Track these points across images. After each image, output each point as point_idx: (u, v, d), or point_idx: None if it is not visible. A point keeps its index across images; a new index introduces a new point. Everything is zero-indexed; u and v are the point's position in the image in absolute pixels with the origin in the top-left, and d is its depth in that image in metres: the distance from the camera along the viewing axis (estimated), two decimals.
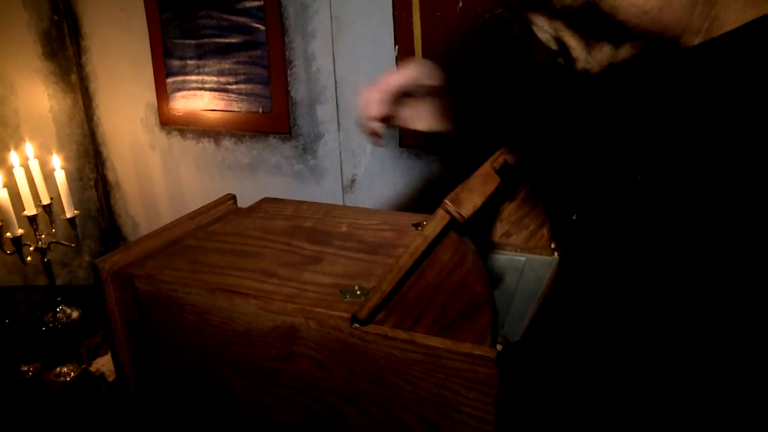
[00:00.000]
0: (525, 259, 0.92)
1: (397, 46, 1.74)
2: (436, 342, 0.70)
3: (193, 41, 2.05)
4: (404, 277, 0.70)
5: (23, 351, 1.82)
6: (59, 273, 2.26)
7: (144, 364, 0.95)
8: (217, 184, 2.16)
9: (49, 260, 1.95)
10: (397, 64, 1.75)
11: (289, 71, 1.92)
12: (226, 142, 2.10)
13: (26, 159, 1.94)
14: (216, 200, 1.17)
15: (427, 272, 0.71)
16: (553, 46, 0.70)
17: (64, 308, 1.97)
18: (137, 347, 0.95)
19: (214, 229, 1.07)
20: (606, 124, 0.75)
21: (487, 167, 0.76)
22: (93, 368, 1.73)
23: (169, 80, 2.13)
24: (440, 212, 0.67)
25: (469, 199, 0.68)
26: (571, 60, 0.71)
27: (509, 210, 0.93)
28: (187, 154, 2.19)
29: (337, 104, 1.88)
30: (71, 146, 2.27)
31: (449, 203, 0.66)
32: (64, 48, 2.22)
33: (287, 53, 1.90)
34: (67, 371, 1.72)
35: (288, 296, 0.81)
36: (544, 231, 0.91)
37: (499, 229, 0.94)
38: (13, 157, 1.89)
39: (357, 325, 0.75)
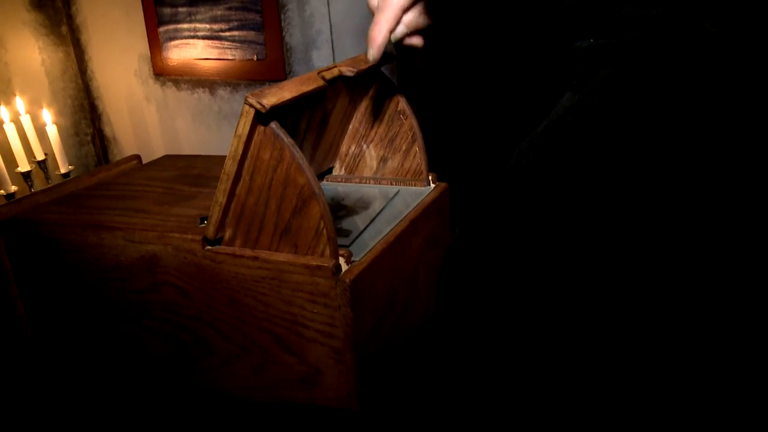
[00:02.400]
0: (398, 190, 0.95)
1: None
2: (277, 257, 0.75)
3: None
4: (234, 183, 0.74)
5: None
6: None
7: (36, 313, 1.01)
8: (214, 135, 2.13)
9: None
10: None
11: (282, 16, 1.87)
12: (222, 92, 2.06)
13: (17, 114, 1.91)
14: (120, 160, 1.25)
15: (256, 176, 0.74)
16: None
17: None
18: (29, 297, 1.00)
19: (106, 180, 1.14)
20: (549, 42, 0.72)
21: (312, 73, 0.79)
22: None
23: (161, 29, 2.09)
24: (244, 108, 0.70)
25: (274, 93, 0.71)
26: None
27: (380, 132, 0.95)
28: (183, 105, 2.16)
29: (333, 48, 1.83)
30: (65, 101, 2.25)
31: (250, 96, 0.69)
32: None
33: None
34: None
35: (150, 226, 0.86)
36: (416, 148, 0.93)
37: (374, 154, 0.97)
38: (3, 113, 1.86)
39: (208, 247, 0.80)
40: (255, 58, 1.99)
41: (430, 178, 0.96)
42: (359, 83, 0.92)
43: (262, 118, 0.70)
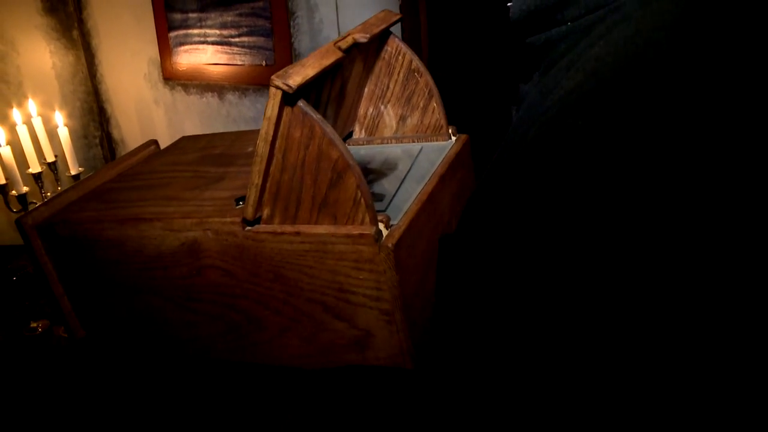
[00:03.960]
0: (421, 147, 0.97)
1: None
2: (318, 229, 0.77)
3: None
4: (268, 163, 0.77)
5: (32, 308, 1.86)
6: None
7: (83, 308, 1.03)
8: None
9: None
10: (401, 11, 1.73)
11: (291, 22, 1.92)
12: (230, 96, 2.11)
13: (29, 116, 1.96)
14: (137, 147, 1.25)
15: (288, 154, 0.76)
16: None
17: None
18: (74, 293, 1.03)
19: (130, 171, 1.15)
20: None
21: (329, 45, 0.81)
22: None
23: (172, 34, 2.14)
24: (271, 90, 0.72)
25: (298, 71, 0.73)
26: None
27: (396, 91, 0.98)
28: (191, 109, 2.20)
29: None
30: (75, 104, 2.30)
31: (275, 78, 0.71)
32: (65, 3, 2.25)
33: (290, 4, 1.90)
34: None
35: (187, 213, 0.88)
36: (434, 104, 0.96)
37: (393, 114, 1.00)
38: (16, 115, 1.91)
39: (249, 228, 0.82)
40: (264, 63, 2.03)
41: (450, 131, 0.97)
42: (371, 46, 0.95)
43: (289, 98, 0.73)
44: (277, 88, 0.71)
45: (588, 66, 0.62)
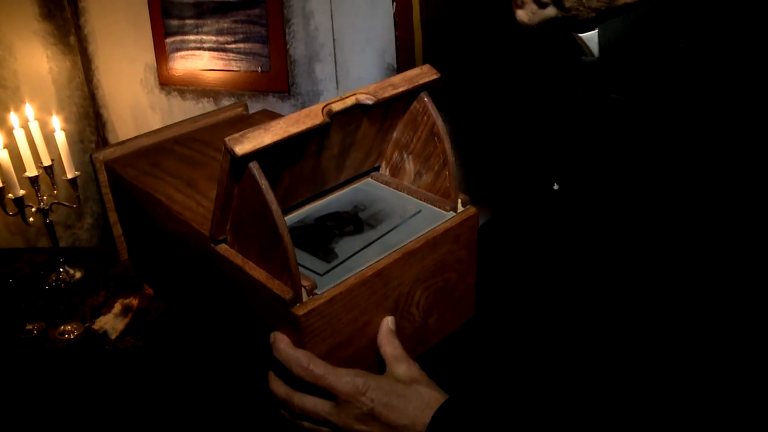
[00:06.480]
0: (420, 210, 0.96)
1: (395, 3, 1.76)
2: (256, 273, 0.83)
3: (191, 0, 2.06)
4: (227, 201, 0.81)
5: (28, 310, 1.89)
6: (62, 235, 2.33)
7: (128, 237, 1.17)
8: None
9: (51, 221, 2.01)
10: (395, 21, 1.77)
11: (287, 29, 1.96)
12: (226, 102, 2.15)
13: (26, 120, 1.98)
14: (227, 106, 1.31)
15: (246, 201, 0.80)
16: None
17: (67, 269, 2.04)
18: (123, 223, 1.17)
19: (192, 134, 1.21)
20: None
21: (315, 108, 0.80)
22: (96, 326, 1.80)
23: (168, 40, 2.18)
24: (223, 147, 0.75)
25: (253, 137, 0.73)
26: (561, 5, 0.72)
27: (418, 146, 0.98)
28: (187, 114, 2.23)
29: (335, 62, 1.92)
30: (71, 108, 2.33)
31: (227, 140, 0.73)
32: (62, 8, 2.28)
33: (285, 11, 1.94)
34: (71, 329, 1.80)
35: (186, 207, 0.96)
36: (446, 173, 0.96)
37: (412, 167, 1.01)
38: (13, 119, 1.94)
39: (212, 245, 0.89)
40: (259, 69, 2.07)
41: (459, 201, 0.96)
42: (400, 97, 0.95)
43: (238, 162, 0.74)
44: (226, 150, 0.72)
45: None
